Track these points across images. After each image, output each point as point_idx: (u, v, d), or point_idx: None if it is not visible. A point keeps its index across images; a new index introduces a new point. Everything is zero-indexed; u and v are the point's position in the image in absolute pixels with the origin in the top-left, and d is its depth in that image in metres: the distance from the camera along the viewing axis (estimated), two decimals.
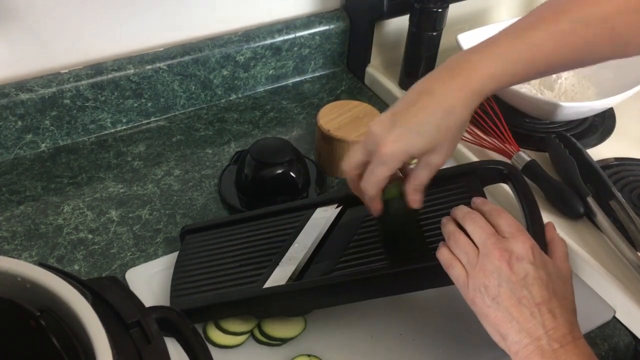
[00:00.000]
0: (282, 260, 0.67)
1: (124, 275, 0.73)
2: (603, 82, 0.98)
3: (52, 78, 0.87)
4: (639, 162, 0.89)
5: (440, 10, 0.93)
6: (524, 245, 0.54)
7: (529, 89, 0.98)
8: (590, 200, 0.80)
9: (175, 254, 0.74)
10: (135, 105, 0.95)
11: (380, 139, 0.56)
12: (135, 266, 0.74)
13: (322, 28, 1.05)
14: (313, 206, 0.73)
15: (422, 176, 0.59)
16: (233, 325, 0.67)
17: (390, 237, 0.65)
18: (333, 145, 0.85)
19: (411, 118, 0.56)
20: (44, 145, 0.91)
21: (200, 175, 0.88)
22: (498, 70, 0.56)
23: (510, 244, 0.54)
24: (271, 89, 1.06)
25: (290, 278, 0.65)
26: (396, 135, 0.56)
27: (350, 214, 0.71)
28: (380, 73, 1.05)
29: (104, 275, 0.73)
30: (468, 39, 0.97)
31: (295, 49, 1.04)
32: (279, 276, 0.65)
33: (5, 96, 0.85)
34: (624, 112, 0.99)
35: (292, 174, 0.80)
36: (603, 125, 0.97)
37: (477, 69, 0.56)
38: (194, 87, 0.98)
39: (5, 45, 0.85)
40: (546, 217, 0.67)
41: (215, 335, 0.66)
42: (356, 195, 0.72)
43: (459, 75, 0.56)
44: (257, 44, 1.00)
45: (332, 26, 1.05)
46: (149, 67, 0.93)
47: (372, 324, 0.68)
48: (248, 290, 0.65)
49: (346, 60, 1.11)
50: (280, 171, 0.80)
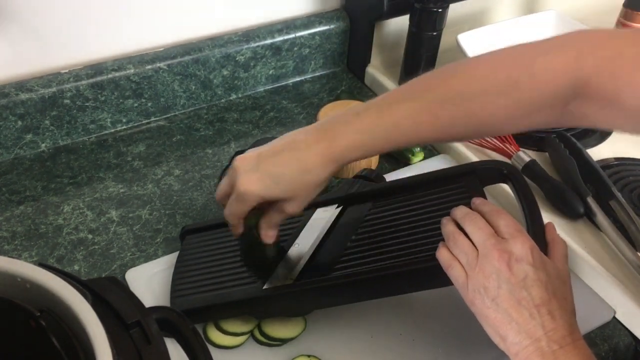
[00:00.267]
0: (283, 260, 0.67)
1: (124, 275, 0.73)
2: None
3: (52, 78, 0.88)
4: (639, 162, 0.89)
5: (440, 10, 0.93)
6: (523, 246, 0.54)
7: None
8: (590, 200, 0.80)
9: (175, 254, 0.74)
10: (135, 105, 0.95)
11: (240, 177, 0.60)
12: (135, 266, 0.74)
13: (322, 28, 1.05)
14: (313, 206, 0.73)
15: (274, 218, 0.63)
16: (233, 326, 0.67)
17: (249, 257, 0.69)
18: None
19: (272, 167, 0.59)
20: (44, 145, 0.91)
21: (200, 175, 0.88)
22: (357, 143, 0.59)
23: (510, 245, 0.54)
24: (271, 88, 1.06)
25: (290, 278, 0.65)
26: (254, 178, 0.59)
27: (350, 214, 0.71)
28: (380, 73, 1.05)
29: (104, 276, 0.73)
30: (468, 39, 0.97)
31: (295, 49, 1.04)
32: (279, 276, 0.65)
33: (5, 96, 0.85)
34: None
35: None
36: None
37: (339, 139, 0.59)
38: (194, 87, 0.98)
39: (5, 45, 0.85)
40: (546, 217, 0.67)
41: (215, 335, 0.66)
42: (356, 196, 0.72)
43: (323, 140, 0.59)
44: (257, 44, 1.00)
45: (332, 26, 1.05)
46: (149, 67, 0.93)
47: (372, 324, 0.68)
48: (248, 290, 0.65)
49: (346, 60, 1.11)
50: None
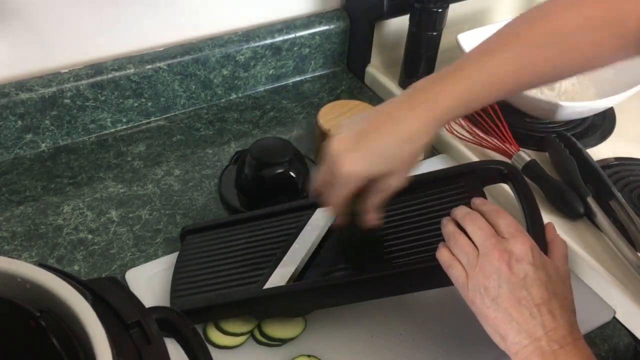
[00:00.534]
0: (283, 260, 0.67)
1: (124, 275, 0.73)
2: (603, 82, 0.98)
3: (52, 78, 0.88)
4: (639, 162, 0.89)
5: (440, 10, 0.93)
6: (523, 246, 0.54)
7: None
8: (590, 200, 0.80)
9: (176, 254, 0.74)
10: (136, 105, 0.95)
11: (342, 159, 0.57)
12: (135, 266, 0.74)
13: (322, 28, 1.05)
14: (313, 206, 0.73)
15: (379, 198, 0.61)
16: (233, 326, 0.67)
17: (352, 247, 0.67)
18: None
19: (373, 142, 0.57)
20: (44, 145, 0.91)
21: (200, 175, 0.88)
22: (457, 101, 0.57)
23: (510, 244, 0.54)
24: (271, 88, 1.06)
25: (290, 278, 0.65)
26: (357, 157, 0.57)
27: None
28: (380, 73, 1.05)
29: (103, 276, 0.73)
30: (468, 39, 0.97)
31: (296, 48, 1.04)
32: (279, 277, 0.65)
33: (5, 96, 0.85)
34: (624, 112, 0.99)
35: (292, 174, 0.80)
36: (603, 125, 0.97)
37: (438, 100, 0.57)
38: (194, 87, 0.98)
39: (6, 45, 0.85)
40: (546, 217, 0.67)
41: (215, 335, 0.66)
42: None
43: (421, 104, 0.57)
44: (257, 44, 1.00)
45: (332, 26, 1.05)
46: (149, 67, 0.93)
47: (372, 324, 0.68)
48: (248, 290, 0.65)
49: (346, 60, 1.11)
50: (280, 171, 0.80)
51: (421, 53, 0.98)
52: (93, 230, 0.79)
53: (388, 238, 0.65)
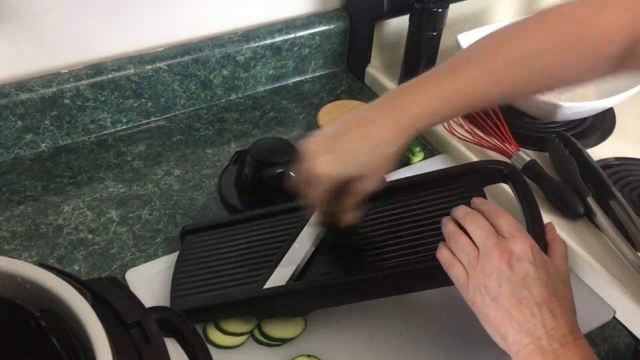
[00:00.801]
0: (283, 260, 0.67)
1: (124, 275, 0.73)
2: (603, 82, 0.98)
3: (52, 78, 0.88)
4: (639, 162, 0.89)
5: (440, 10, 0.93)
6: (523, 245, 0.54)
7: None
8: (590, 200, 0.80)
9: (176, 254, 0.74)
10: (135, 105, 0.95)
11: (315, 160, 0.59)
12: (135, 266, 0.74)
13: (322, 28, 1.05)
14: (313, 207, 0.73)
15: (352, 199, 0.62)
16: (233, 326, 0.67)
17: (335, 246, 0.68)
18: None
19: (346, 145, 0.59)
20: (44, 145, 0.91)
21: (200, 175, 0.88)
22: (425, 111, 0.59)
23: (510, 244, 0.54)
24: (271, 88, 1.06)
25: (290, 278, 0.65)
26: (330, 159, 0.59)
27: None
28: (380, 73, 1.05)
29: (104, 276, 0.73)
30: (468, 39, 0.97)
31: (295, 48, 1.04)
32: (279, 276, 0.65)
33: (5, 96, 0.85)
34: (624, 112, 0.99)
35: (292, 174, 0.80)
36: (603, 125, 0.97)
37: (407, 108, 0.59)
38: (194, 87, 0.98)
39: (6, 45, 0.85)
40: (546, 217, 0.67)
41: (215, 335, 0.66)
42: None
43: (391, 112, 0.59)
44: (257, 44, 1.00)
45: (332, 26, 1.05)
46: (149, 67, 0.93)
47: (372, 324, 0.68)
48: (248, 290, 0.65)
49: (346, 60, 1.11)
50: (280, 171, 0.80)
51: (421, 53, 0.98)
52: (93, 230, 0.79)
53: (388, 238, 0.65)
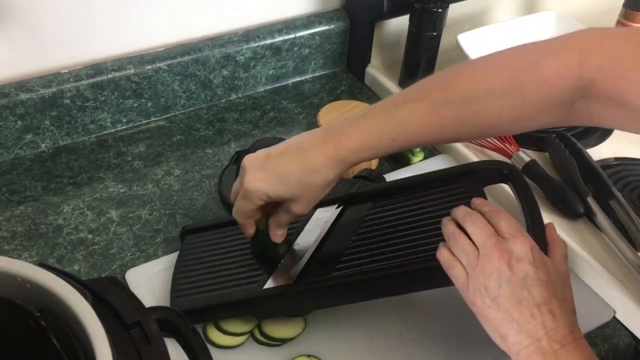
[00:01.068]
0: (283, 260, 0.67)
1: (124, 275, 0.73)
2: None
3: (52, 78, 0.88)
4: (639, 162, 0.89)
5: (440, 10, 0.93)
6: (523, 246, 0.54)
7: None
8: (590, 200, 0.80)
9: (176, 254, 0.74)
10: (135, 105, 0.95)
11: (247, 175, 0.60)
12: (135, 266, 0.74)
13: (322, 28, 1.05)
14: (313, 206, 0.73)
15: (282, 218, 0.64)
16: (233, 326, 0.67)
17: (261, 257, 0.68)
18: None
19: (278, 166, 0.60)
20: (44, 145, 0.91)
21: (200, 175, 0.88)
22: (363, 145, 0.60)
23: (510, 244, 0.54)
24: (271, 88, 1.06)
25: (290, 278, 0.65)
26: (261, 177, 0.60)
27: (350, 214, 0.71)
28: (380, 73, 1.05)
29: (103, 276, 0.73)
30: (468, 39, 0.97)
31: (295, 49, 1.04)
32: (280, 276, 0.65)
33: (5, 96, 0.85)
34: None
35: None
36: None
37: (346, 140, 0.59)
38: (194, 87, 0.98)
39: (6, 45, 0.85)
40: (546, 217, 0.67)
41: (215, 335, 0.66)
42: (356, 196, 0.72)
43: (330, 141, 0.60)
44: (257, 44, 1.00)
45: (332, 26, 1.05)
46: (149, 67, 0.93)
47: (372, 324, 0.68)
48: (248, 290, 0.65)
49: (346, 60, 1.11)
50: None
51: (421, 53, 0.98)
52: (93, 230, 0.79)
53: (388, 238, 0.65)
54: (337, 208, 0.72)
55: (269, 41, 1.01)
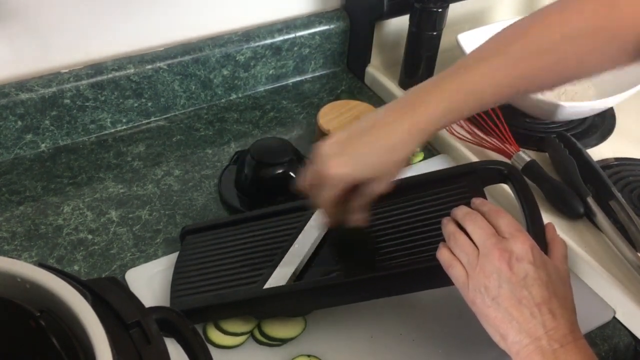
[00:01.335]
0: (283, 260, 0.67)
1: (124, 275, 0.73)
2: (603, 82, 0.98)
3: (52, 78, 0.87)
4: (639, 162, 0.89)
5: (440, 10, 0.93)
6: (523, 246, 0.54)
7: None
8: (590, 200, 0.80)
9: (175, 254, 0.74)
10: (135, 105, 0.95)
11: (328, 162, 0.59)
12: (135, 266, 0.74)
13: (322, 28, 1.05)
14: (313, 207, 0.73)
15: (361, 201, 0.62)
16: (233, 326, 0.67)
17: (344, 247, 0.68)
18: None
19: (359, 148, 0.59)
20: (44, 145, 0.91)
21: (200, 175, 0.88)
22: (441, 111, 0.58)
23: (510, 244, 0.54)
24: (271, 88, 1.06)
25: (290, 278, 0.65)
26: (342, 161, 0.58)
27: None
28: (380, 73, 1.05)
29: (103, 276, 0.73)
30: (468, 39, 0.97)
31: (296, 48, 1.04)
32: (280, 277, 0.65)
33: (5, 96, 0.85)
34: (624, 112, 0.99)
35: (292, 174, 0.80)
36: (603, 125, 0.97)
37: (423, 110, 0.58)
38: (194, 87, 0.98)
39: (6, 45, 0.85)
40: (546, 217, 0.67)
41: (215, 335, 0.66)
42: None
43: (406, 114, 0.58)
44: (257, 44, 1.00)
45: (332, 26, 1.05)
46: (149, 67, 0.93)
47: (372, 324, 0.68)
48: (248, 290, 0.65)
49: (346, 60, 1.11)
50: (280, 171, 0.80)
51: (421, 53, 0.98)
52: (93, 230, 0.79)
53: (388, 238, 0.65)
54: None
55: (269, 41, 1.00)
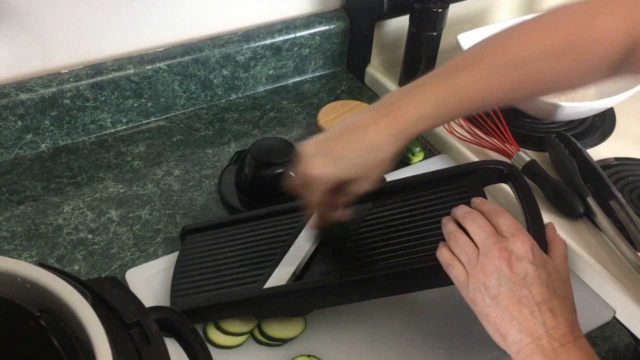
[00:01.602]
0: (283, 260, 0.67)
1: (124, 275, 0.73)
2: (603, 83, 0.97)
3: (52, 78, 0.88)
4: (639, 162, 0.89)
5: (440, 10, 0.93)
6: (523, 245, 0.54)
7: None
8: (590, 200, 0.80)
9: (175, 254, 0.74)
10: (135, 105, 0.95)
11: (308, 162, 0.59)
12: (135, 266, 0.74)
13: (322, 28, 1.05)
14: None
15: (345, 200, 0.64)
16: (233, 326, 0.67)
17: (335, 246, 0.68)
18: None
19: (340, 148, 0.59)
20: (44, 145, 0.91)
21: (200, 175, 0.88)
22: (420, 116, 0.59)
23: (510, 243, 0.54)
24: (271, 88, 1.06)
25: (290, 278, 0.65)
26: (323, 162, 0.59)
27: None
28: (380, 73, 1.05)
29: (103, 276, 0.73)
30: (468, 39, 0.97)
31: (295, 49, 1.04)
32: (279, 276, 0.65)
33: (5, 96, 0.85)
34: (624, 112, 0.99)
35: (290, 175, 0.80)
36: (603, 125, 0.97)
37: (402, 113, 0.59)
38: (194, 87, 0.98)
39: (5, 45, 0.85)
40: (546, 217, 0.67)
41: (215, 335, 0.66)
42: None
43: (386, 117, 0.59)
44: (257, 44, 1.00)
45: (332, 26, 1.05)
46: (149, 67, 0.93)
47: (372, 324, 0.68)
48: (248, 290, 0.65)
49: (346, 60, 1.11)
50: (280, 171, 0.80)
51: (421, 53, 0.98)
52: (93, 230, 0.79)
53: (388, 237, 0.65)
54: None
55: (269, 41, 1.01)
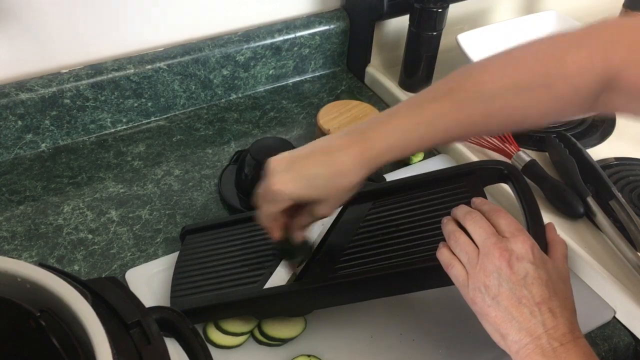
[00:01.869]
0: (283, 260, 0.67)
1: (124, 275, 0.73)
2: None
3: (52, 78, 0.88)
4: (639, 162, 0.89)
5: (440, 10, 0.94)
6: (523, 245, 0.54)
7: None
8: (590, 200, 0.80)
9: (176, 254, 0.74)
10: (135, 105, 0.95)
11: (274, 177, 0.60)
12: (135, 266, 0.74)
13: (322, 28, 1.05)
14: None
15: (304, 221, 0.64)
16: (233, 326, 0.67)
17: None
18: None
19: (306, 168, 0.59)
20: (44, 145, 0.91)
21: (200, 175, 0.88)
22: (389, 146, 0.59)
23: (510, 243, 0.54)
24: (271, 88, 1.06)
25: (290, 278, 0.65)
26: (288, 178, 0.59)
27: (350, 214, 0.71)
28: (380, 73, 1.05)
29: (103, 276, 0.73)
30: (468, 39, 0.97)
31: (295, 48, 1.04)
32: (280, 276, 0.65)
33: (5, 96, 0.85)
34: None
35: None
36: (603, 125, 0.97)
37: (372, 142, 0.59)
38: (194, 87, 0.98)
39: (5, 45, 0.85)
40: (546, 217, 0.67)
41: (215, 335, 0.66)
42: (356, 196, 0.72)
43: (357, 144, 0.59)
44: (257, 44, 1.00)
45: (332, 26, 1.05)
46: (149, 67, 0.93)
47: (372, 324, 0.68)
48: (248, 290, 0.65)
49: (346, 60, 1.11)
50: None
51: (421, 53, 0.98)
52: (93, 230, 0.79)
53: (388, 238, 0.65)
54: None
55: (269, 41, 1.01)
